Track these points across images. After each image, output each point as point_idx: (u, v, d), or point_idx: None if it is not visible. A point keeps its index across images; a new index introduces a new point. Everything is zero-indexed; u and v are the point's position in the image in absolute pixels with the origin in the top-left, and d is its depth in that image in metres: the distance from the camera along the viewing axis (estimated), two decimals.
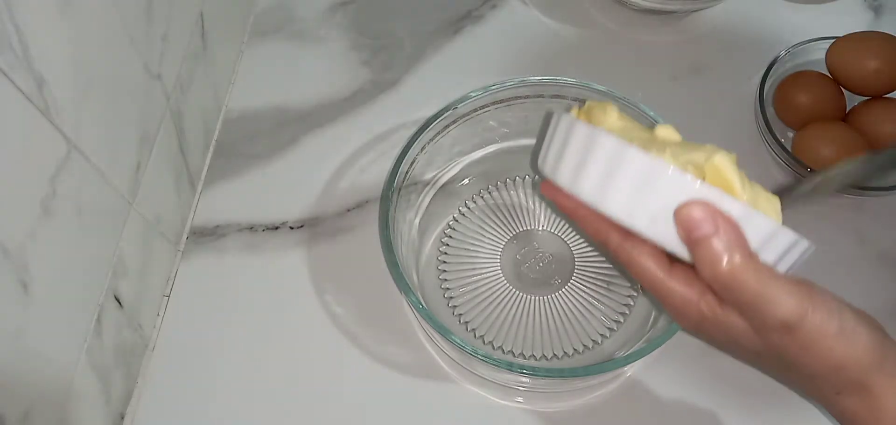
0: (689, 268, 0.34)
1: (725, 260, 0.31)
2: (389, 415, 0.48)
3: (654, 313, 0.50)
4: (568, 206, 0.36)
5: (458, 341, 0.43)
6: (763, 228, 0.32)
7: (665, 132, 0.36)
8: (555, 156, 0.35)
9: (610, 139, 0.32)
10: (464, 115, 0.52)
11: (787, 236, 0.33)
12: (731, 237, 0.31)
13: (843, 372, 0.33)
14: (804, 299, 0.32)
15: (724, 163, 0.33)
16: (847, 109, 0.58)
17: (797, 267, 0.35)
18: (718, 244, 0.31)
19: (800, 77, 0.58)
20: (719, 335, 0.35)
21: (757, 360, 0.36)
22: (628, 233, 0.34)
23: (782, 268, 0.33)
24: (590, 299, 0.51)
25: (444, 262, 0.53)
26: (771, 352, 0.34)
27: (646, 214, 0.32)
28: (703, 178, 0.33)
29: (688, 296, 0.34)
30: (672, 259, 0.34)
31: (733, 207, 0.31)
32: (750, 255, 0.31)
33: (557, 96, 0.53)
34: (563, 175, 0.34)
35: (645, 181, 0.31)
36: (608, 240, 0.35)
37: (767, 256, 0.32)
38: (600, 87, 0.51)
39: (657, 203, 0.32)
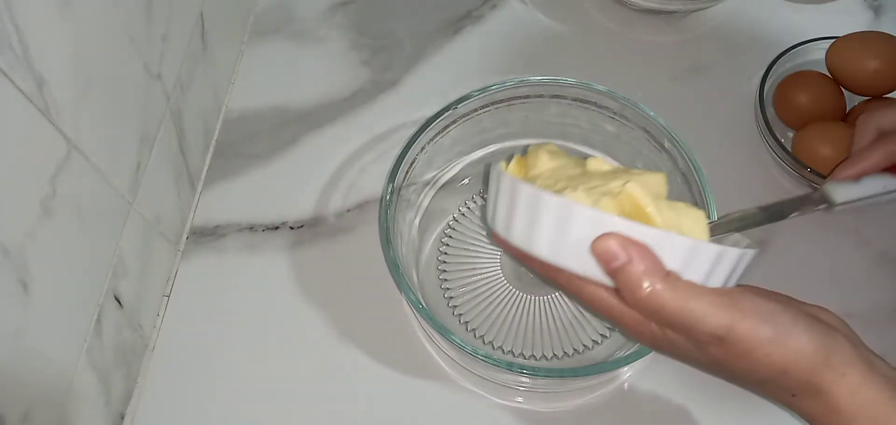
0: None
1: (643, 285, 0.32)
2: (389, 415, 0.48)
3: None
4: (516, 252, 0.38)
5: (458, 341, 0.43)
6: (680, 248, 0.33)
7: (596, 164, 0.38)
8: (492, 208, 0.38)
9: (527, 188, 0.34)
10: (464, 115, 0.52)
11: (711, 250, 0.33)
12: (645, 263, 0.32)
13: (789, 376, 0.33)
14: (729, 310, 0.32)
15: (635, 190, 0.34)
16: (847, 109, 0.58)
17: (739, 275, 0.35)
18: (633, 271, 0.32)
19: (800, 77, 0.58)
20: (672, 351, 0.36)
21: (714, 372, 0.36)
22: None
23: (716, 281, 0.34)
24: None
25: (444, 262, 0.53)
26: (716, 365, 0.34)
27: (570, 252, 0.34)
28: (621, 207, 0.35)
29: (638, 317, 0.35)
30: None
31: (646, 233, 0.32)
32: (666, 278, 0.32)
33: (557, 96, 0.53)
34: (499, 225, 0.37)
35: (562, 222, 0.33)
36: (558, 278, 0.37)
37: (692, 274, 0.33)
38: (600, 87, 0.51)
39: (577, 240, 0.33)
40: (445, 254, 0.53)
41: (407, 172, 0.50)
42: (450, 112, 0.51)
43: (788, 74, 0.59)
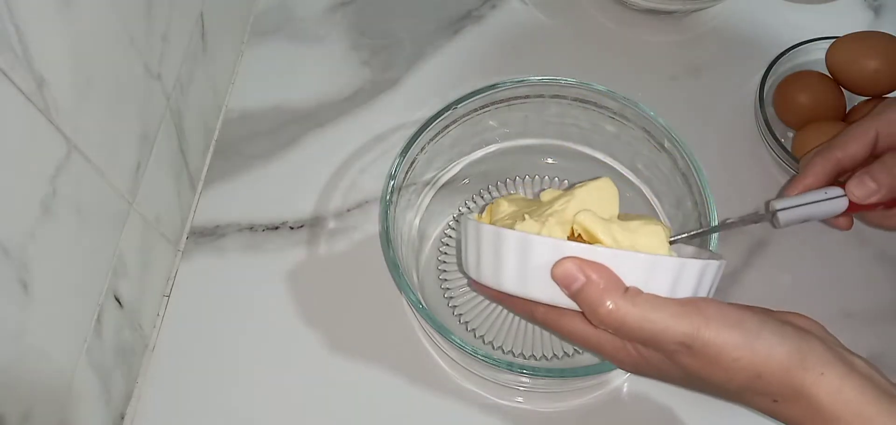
0: None
1: (604, 303, 0.33)
2: (389, 415, 0.48)
3: None
4: (493, 295, 0.39)
5: (458, 341, 0.43)
6: (639, 264, 0.34)
7: (547, 195, 0.41)
8: (464, 254, 0.40)
9: (488, 228, 0.37)
10: (464, 115, 0.52)
11: (670, 263, 0.34)
12: (603, 281, 0.33)
13: (764, 380, 0.33)
14: (693, 317, 0.33)
15: (585, 218, 0.36)
16: (847, 109, 0.58)
17: (710, 285, 0.35)
18: (593, 290, 0.33)
19: (800, 77, 0.58)
20: (653, 372, 0.36)
21: (695, 386, 0.36)
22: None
23: (684, 294, 0.34)
24: None
25: (444, 262, 0.53)
26: (693, 378, 0.34)
27: (534, 281, 0.35)
28: (576, 234, 0.36)
29: (616, 342, 0.36)
30: None
31: (603, 254, 0.33)
32: (624, 293, 0.33)
33: (557, 96, 0.53)
34: (471, 268, 0.39)
35: (522, 253, 0.35)
36: (535, 314, 0.38)
37: (655, 289, 0.34)
38: (600, 87, 0.51)
39: (538, 268, 0.35)
40: (445, 254, 0.53)
41: (407, 172, 0.50)
42: (450, 112, 0.51)
43: (788, 74, 0.59)
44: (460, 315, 0.51)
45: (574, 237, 0.37)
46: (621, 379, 0.49)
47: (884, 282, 0.54)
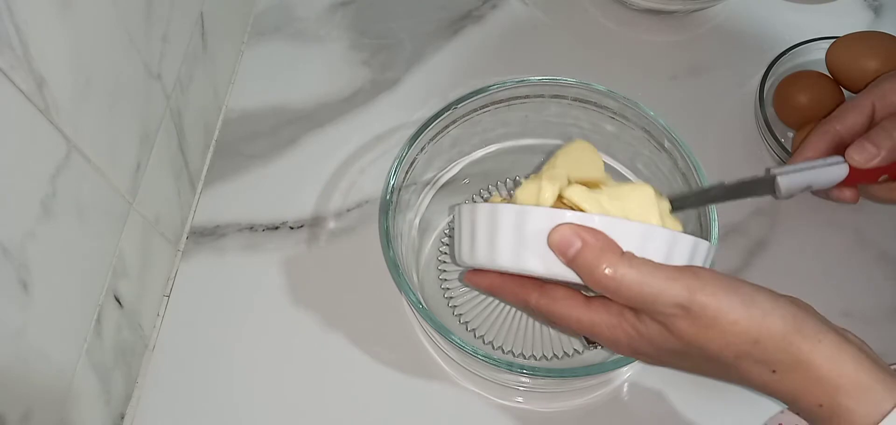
0: (603, 297, 0.36)
1: (601, 265, 0.33)
2: (389, 415, 0.48)
3: None
4: (486, 284, 0.39)
5: (458, 341, 0.43)
6: (634, 232, 0.34)
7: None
8: (457, 242, 0.40)
9: (484, 206, 0.37)
10: (464, 115, 0.52)
11: (664, 234, 0.34)
12: (599, 243, 0.33)
13: (762, 346, 0.33)
14: (689, 279, 0.33)
15: (574, 193, 0.36)
16: None
17: (701, 263, 0.36)
18: (589, 253, 0.33)
19: (800, 77, 0.58)
20: (650, 348, 0.36)
21: (692, 364, 0.36)
22: (543, 288, 0.37)
23: (678, 262, 0.35)
24: None
25: (444, 262, 0.53)
26: (690, 347, 0.34)
27: (530, 254, 0.35)
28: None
29: (611, 320, 0.36)
30: (588, 297, 0.37)
31: (598, 221, 0.34)
32: (622, 255, 0.33)
33: (557, 96, 0.53)
34: (465, 253, 0.39)
35: (518, 225, 0.35)
36: (528, 301, 0.38)
37: (650, 255, 0.34)
38: (600, 87, 0.51)
39: (534, 240, 0.35)
40: (445, 254, 0.53)
41: (407, 172, 0.50)
42: (450, 112, 0.51)
43: (788, 74, 0.59)
44: (460, 315, 0.51)
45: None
46: (622, 380, 0.49)
47: (884, 282, 0.54)
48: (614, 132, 0.53)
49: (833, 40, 0.58)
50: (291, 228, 0.56)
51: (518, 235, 0.35)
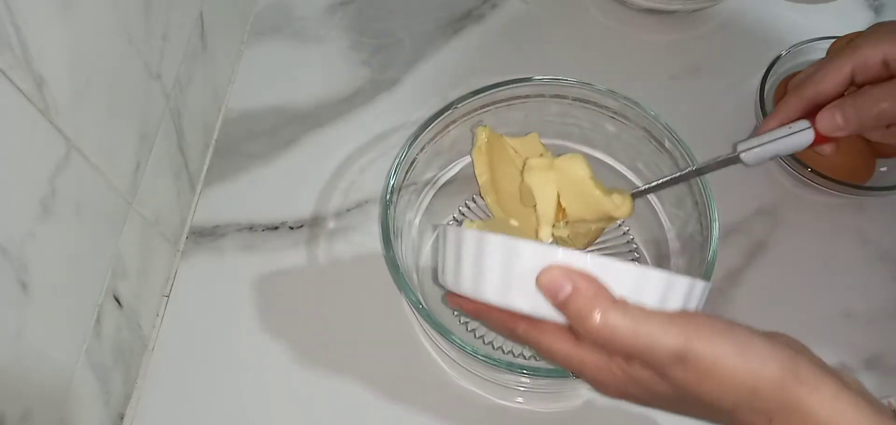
0: None
1: (593, 313, 0.31)
2: (389, 415, 0.48)
3: None
4: (470, 309, 0.37)
5: (458, 341, 0.43)
6: (628, 276, 0.32)
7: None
8: (441, 264, 0.38)
9: (471, 232, 0.35)
10: (464, 115, 0.52)
11: (660, 277, 0.33)
12: (591, 289, 0.32)
13: (759, 394, 0.31)
14: (684, 326, 0.31)
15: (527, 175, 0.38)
16: None
17: (697, 305, 0.34)
18: (580, 300, 0.32)
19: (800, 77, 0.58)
20: (639, 392, 0.35)
21: (684, 409, 0.35)
22: (533, 319, 0.35)
23: (673, 307, 0.33)
24: None
25: None
26: (685, 395, 0.33)
27: (517, 291, 0.34)
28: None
29: (599, 361, 0.34)
30: (577, 332, 0.35)
31: (591, 263, 0.32)
32: (614, 303, 0.32)
33: (557, 96, 0.53)
34: (449, 278, 0.37)
35: (507, 259, 0.33)
36: (516, 330, 0.36)
37: (644, 301, 0.33)
38: (601, 87, 0.51)
39: (522, 276, 0.33)
40: None
41: (407, 172, 0.50)
42: (450, 112, 0.51)
43: (788, 74, 0.59)
44: (460, 315, 0.51)
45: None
46: None
47: (884, 282, 0.54)
48: (615, 132, 0.53)
49: (833, 40, 0.58)
50: (291, 228, 0.55)
51: (506, 271, 0.34)
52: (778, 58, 0.59)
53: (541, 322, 0.35)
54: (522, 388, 0.48)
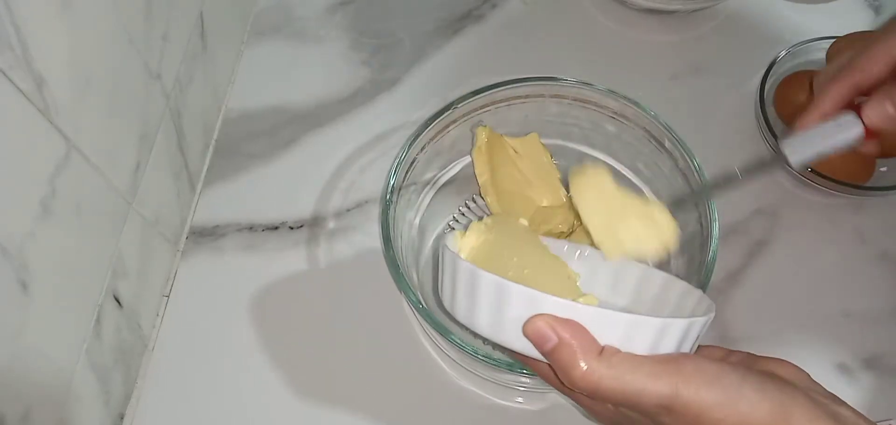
0: None
1: (578, 364, 0.31)
2: (389, 415, 0.48)
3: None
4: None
5: (458, 341, 0.43)
6: (618, 324, 0.32)
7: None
8: (440, 283, 0.38)
9: (465, 265, 0.34)
10: (464, 115, 0.52)
11: (652, 323, 0.32)
12: (576, 342, 0.31)
13: None
14: (671, 376, 0.31)
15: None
16: None
17: (694, 341, 0.34)
18: (565, 352, 0.31)
19: (800, 77, 0.58)
20: None
21: None
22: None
23: (666, 351, 0.32)
24: None
25: None
26: None
27: (507, 330, 0.33)
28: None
29: (591, 401, 0.34)
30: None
31: (580, 312, 0.32)
32: (600, 355, 0.31)
33: (557, 96, 0.53)
34: (445, 301, 0.37)
35: (498, 300, 0.33)
36: (516, 354, 0.36)
37: (636, 348, 0.32)
38: (600, 87, 0.51)
39: (513, 319, 0.33)
40: None
41: (407, 172, 0.50)
42: (450, 112, 0.51)
43: (788, 74, 0.59)
44: None
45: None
46: None
47: (884, 282, 0.54)
48: (615, 132, 0.53)
49: (833, 40, 0.58)
50: (291, 228, 0.55)
51: (496, 311, 0.33)
52: (778, 58, 0.59)
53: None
54: (522, 388, 0.48)
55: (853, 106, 0.40)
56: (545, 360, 0.33)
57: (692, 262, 0.48)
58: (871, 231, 0.55)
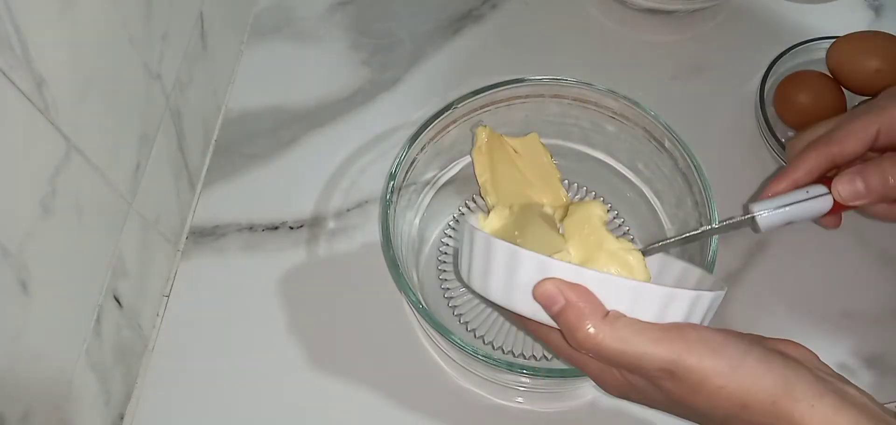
0: None
1: (583, 326, 0.32)
2: (389, 415, 0.48)
3: None
4: (492, 302, 0.38)
5: (458, 341, 0.43)
6: (625, 290, 0.33)
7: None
8: (461, 256, 0.39)
9: (481, 235, 0.36)
10: (464, 115, 0.52)
11: (657, 291, 0.33)
12: (582, 304, 0.32)
13: (750, 410, 0.31)
14: (674, 342, 0.32)
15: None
16: (847, 109, 0.58)
17: (702, 316, 0.34)
18: (571, 313, 0.32)
19: (800, 77, 0.58)
20: (639, 396, 0.35)
21: (682, 413, 0.35)
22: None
23: (674, 319, 0.33)
24: None
25: (444, 262, 0.53)
26: (679, 404, 0.33)
27: (519, 295, 0.35)
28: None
29: (599, 365, 0.35)
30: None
31: (588, 277, 0.33)
32: (604, 318, 0.32)
33: (557, 96, 0.53)
34: (463, 272, 0.39)
35: (510, 266, 0.35)
36: (528, 326, 0.37)
37: (641, 314, 0.33)
38: (600, 87, 0.51)
39: (524, 284, 0.34)
40: (445, 254, 0.53)
41: (407, 172, 0.50)
42: (450, 112, 0.51)
43: (789, 74, 0.59)
44: (460, 315, 0.51)
45: None
46: None
47: (884, 282, 0.54)
48: (615, 132, 0.53)
49: (833, 40, 0.58)
50: (291, 228, 0.55)
51: (509, 277, 0.35)
52: (778, 58, 0.59)
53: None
54: (522, 388, 0.48)
55: (824, 179, 0.40)
56: (554, 326, 0.34)
57: (692, 262, 0.48)
58: (871, 231, 0.55)
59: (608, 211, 0.54)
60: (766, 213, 0.40)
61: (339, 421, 0.48)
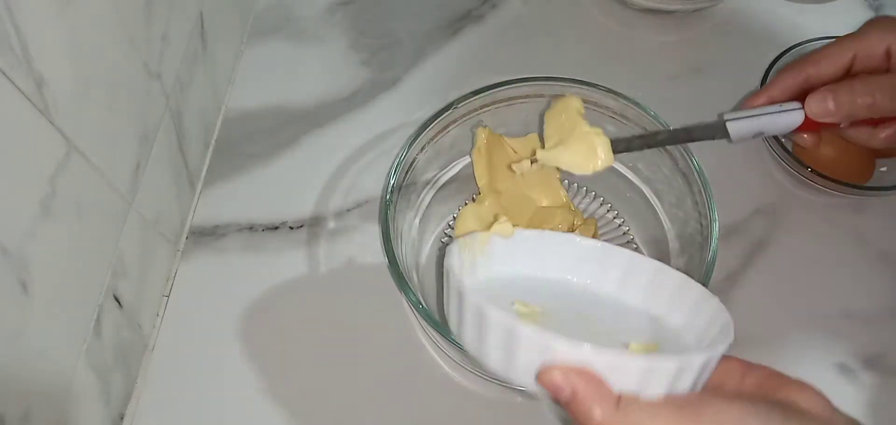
0: None
1: (594, 416, 0.31)
2: (389, 415, 0.48)
3: None
4: None
5: (458, 341, 0.43)
6: (633, 371, 0.31)
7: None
8: (446, 305, 0.36)
9: (472, 299, 0.33)
10: (464, 115, 0.52)
11: (668, 366, 0.31)
12: (591, 393, 0.31)
13: None
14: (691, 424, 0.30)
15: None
16: None
17: (711, 371, 0.33)
18: (581, 405, 0.31)
19: None
20: None
21: None
22: None
23: (683, 389, 0.32)
24: None
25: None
26: None
27: (519, 373, 0.32)
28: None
29: None
30: None
31: (592, 360, 0.31)
32: (616, 405, 0.31)
33: (557, 96, 0.53)
34: (452, 326, 0.36)
35: (508, 343, 0.32)
36: None
37: (652, 392, 0.31)
38: (601, 87, 0.51)
39: (524, 364, 0.32)
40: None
41: (407, 172, 0.50)
42: (450, 112, 0.51)
43: None
44: None
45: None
46: None
47: (884, 282, 0.54)
48: (615, 132, 0.53)
49: (833, 40, 0.57)
50: (291, 228, 0.55)
51: (507, 355, 0.32)
52: (777, 58, 0.58)
53: None
54: (522, 388, 0.48)
55: (802, 98, 0.42)
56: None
57: (692, 262, 0.48)
58: (871, 231, 0.55)
59: (608, 211, 0.54)
60: (736, 120, 0.42)
61: (339, 421, 0.48)
